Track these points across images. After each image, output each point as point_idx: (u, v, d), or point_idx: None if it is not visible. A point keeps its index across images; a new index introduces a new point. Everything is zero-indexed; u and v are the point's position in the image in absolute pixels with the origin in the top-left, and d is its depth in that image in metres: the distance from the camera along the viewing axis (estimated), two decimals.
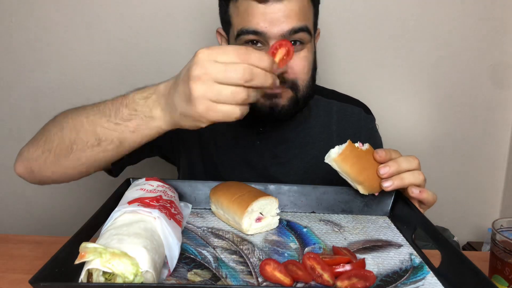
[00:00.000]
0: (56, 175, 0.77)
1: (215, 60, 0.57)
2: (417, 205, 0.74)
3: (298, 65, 0.84)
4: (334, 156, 0.69)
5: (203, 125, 0.62)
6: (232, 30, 0.87)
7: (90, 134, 0.69)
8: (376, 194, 0.73)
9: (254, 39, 0.81)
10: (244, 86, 0.57)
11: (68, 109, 0.79)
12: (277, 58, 0.69)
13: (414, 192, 0.70)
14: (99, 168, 0.77)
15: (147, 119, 0.65)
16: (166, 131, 0.67)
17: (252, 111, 0.87)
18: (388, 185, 0.69)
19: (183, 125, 0.63)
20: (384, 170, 0.69)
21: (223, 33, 0.96)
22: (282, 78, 0.82)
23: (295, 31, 0.80)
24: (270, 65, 0.58)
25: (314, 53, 0.93)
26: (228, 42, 0.93)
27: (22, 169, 0.79)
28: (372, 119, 1.07)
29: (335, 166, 0.70)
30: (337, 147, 0.71)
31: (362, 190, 0.71)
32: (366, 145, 0.72)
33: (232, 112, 0.59)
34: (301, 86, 0.87)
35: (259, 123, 0.98)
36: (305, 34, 0.83)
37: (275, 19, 0.78)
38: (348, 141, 0.70)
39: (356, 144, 0.71)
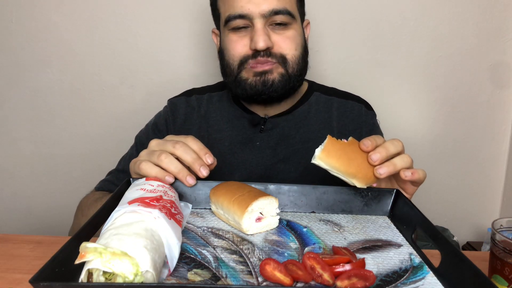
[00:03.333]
0: None
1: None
2: (409, 185, 0.76)
3: (284, 42, 0.91)
4: (318, 154, 0.70)
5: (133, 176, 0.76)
6: (222, 20, 0.94)
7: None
8: (374, 185, 0.73)
9: (241, 24, 0.89)
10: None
11: (89, 196, 0.97)
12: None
13: (407, 176, 0.71)
14: None
15: None
16: None
17: (245, 91, 0.92)
18: (382, 171, 0.69)
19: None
20: (375, 157, 0.70)
21: (216, 31, 1.02)
22: (270, 54, 0.90)
23: (275, 12, 0.88)
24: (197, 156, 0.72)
25: (304, 38, 0.97)
26: (220, 36, 0.99)
27: None
28: (373, 114, 1.08)
29: (322, 164, 0.70)
30: (319, 146, 0.71)
31: (358, 184, 0.71)
32: (350, 138, 0.73)
33: (149, 168, 0.71)
34: (291, 61, 0.92)
35: (258, 122, 0.99)
36: (285, 17, 0.90)
37: (256, 0, 0.87)
38: (328, 136, 0.71)
39: (342, 140, 0.71)
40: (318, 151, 0.71)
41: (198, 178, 0.74)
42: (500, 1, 1.46)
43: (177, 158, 0.72)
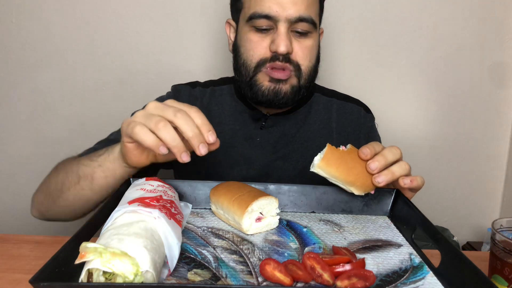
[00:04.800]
0: (58, 215, 0.88)
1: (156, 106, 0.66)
2: (407, 191, 0.76)
3: (302, 52, 0.90)
4: (317, 162, 0.70)
5: (127, 143, 0.69)
6: (243, 14, 0.92)
7: (74, 174, 0.80)
8: (372, 192, 0.73)
9: (264, 25, 0.88)
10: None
11: (67, 158, 0.92)
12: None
13: (406, 183, 0.71)
14: (84, 209, 0.85)
15: (110, 152, 0.77)
16: (122, 171, 0.76)
17: (256, 96, 0.91)
18: (380, 180, 0.70)
19: (127, 153, 0.72)
20: (374, 165, 0.70)
21: (232, 23, 1.00)
22: (289, 60, 0.88)
23: (301, 19, 0.87)
24: (202, 123, 0.65)
25: (318, 48, 0.96)
26: (237, 29, 0.97)
27: (36, 214, 0.91)
28: (372, 118, 1.08)
29: (321, 172, 0.70)
30: (318, 155, 0.71)
31: (357, 191, 0.71)
32: (349, 146, 0.73)
33: (144, 135, 0.64)
34: (304, 73, 0.91)
35: (260, 119, 0.99)
36: (309, 25, 0.89)
37: (285, 3, 0.85)
38: (327, 144, 0.71)
39: (341, 147, 0.71)
40: (317, 159, 0.71)
41: (196, 157, 0.67)
42: (500, 1, 1.46)
43: (176, 129, 0.64)
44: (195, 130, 0.63)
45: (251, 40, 0.90)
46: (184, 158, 0.64)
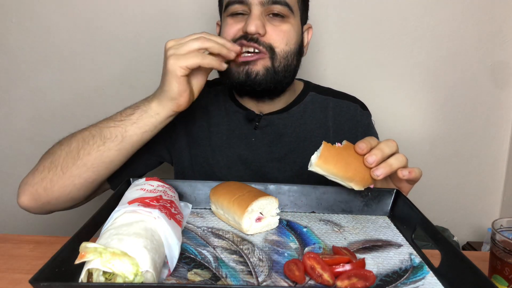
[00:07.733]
0: (63, 190, 0.82)
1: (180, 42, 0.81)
2: (405, 183, 0.77)
3: (276, 34, 0.90)
4: (315, 161, 0.69)
5: (179, 73, 0.79)
6: (223, 7, 0.94)
7: (97, 137, 0.82)
8: (372, 186, 0.73)
9: (239, 9, 0.90)
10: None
11: (69, 134, 0.91)
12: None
13: (405, 175, 0.71)
14: (104, 173, 0.84)
15: (147, 109, 0.82)
16: (163, 120, 0.82)
17: (231, 82, 0.92)
18: (379, 173, 0.69)
19: (173, 100, 0.82)
20: (371, 159, 0.70)
21: (220, 22, 1.01)
22: (258, 41, 0.88)
23: (274, 1, 0.88)
24: (225, 42, 0.79)
25: (300, 38, 0.97)
26: (221, 26, 0.99)
27: (27, 198, 0.84)
28: (368, 114, 1.08)
29: (320, 171, 0.70)
30: (315, 153, 0.71)
31: (356, 187, 0.71)
32: (344, 142, 0.73)
33: (191, 56, 0.77)
34: (279, 55, 0.90)
35: (253, 119, 0.99)
36: (283, 8, 0.89)
37: None
38: (323, 142, 0.71)
39: (337, 144, 0.71)
40: (314, 158, 0.70)
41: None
42: (500, 1, 1.46)
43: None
44: (220, 43, 0.79)
45: (226, 24, 0.92)
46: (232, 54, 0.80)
